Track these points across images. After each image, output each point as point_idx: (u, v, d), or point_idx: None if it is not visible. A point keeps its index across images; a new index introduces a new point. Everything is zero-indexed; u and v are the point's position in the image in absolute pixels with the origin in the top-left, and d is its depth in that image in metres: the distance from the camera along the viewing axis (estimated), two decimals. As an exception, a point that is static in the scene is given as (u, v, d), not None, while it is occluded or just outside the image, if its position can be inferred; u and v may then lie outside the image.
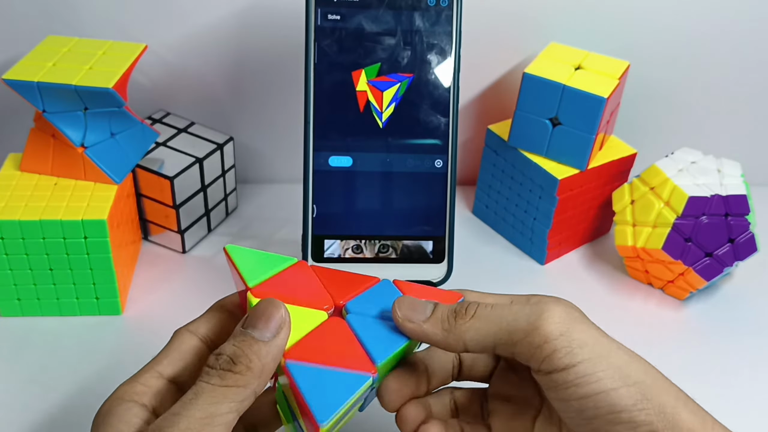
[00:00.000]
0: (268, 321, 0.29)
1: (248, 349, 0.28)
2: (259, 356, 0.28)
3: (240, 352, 0.28)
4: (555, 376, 0.28)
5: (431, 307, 0.32)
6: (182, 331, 0.32)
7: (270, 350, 0.28)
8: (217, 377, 0.27)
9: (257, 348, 0.28)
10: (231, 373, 0.27)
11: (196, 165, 0.54)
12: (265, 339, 0.28)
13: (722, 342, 0.51)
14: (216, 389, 0.27)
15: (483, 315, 0.30)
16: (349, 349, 0.31)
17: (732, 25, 0.60)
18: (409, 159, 0.46)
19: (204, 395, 0.27)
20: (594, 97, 0.51)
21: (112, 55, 0.48)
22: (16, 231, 0.45)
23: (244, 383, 0.27)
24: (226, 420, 0.27)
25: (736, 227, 0.51)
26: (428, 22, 0.45)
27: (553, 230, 0.55)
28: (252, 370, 0.28)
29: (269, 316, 0.29)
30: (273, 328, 0.29)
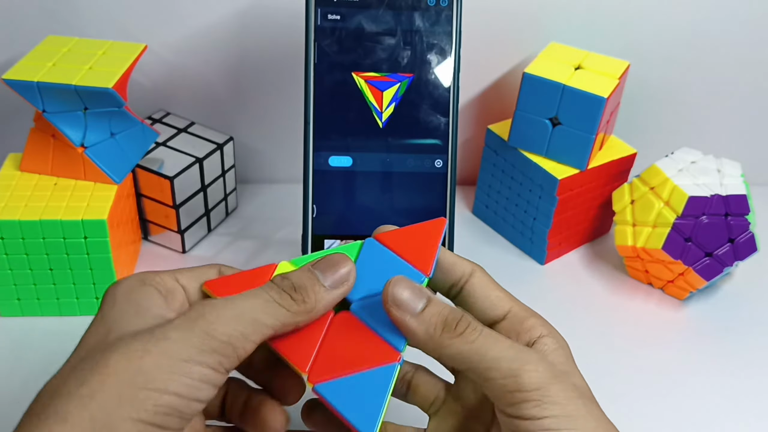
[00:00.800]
0: (335, 272, 0.31)
1: (310, 285, 0.30)
2: (316, 296, 0.30)
3: (302, 284, 0.30)
4: (517, 421, 0.28)
5: (423, 303, 0.30)
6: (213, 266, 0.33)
7: (325, 296, 0.30)
8: (276, 293, 0.29)
9: (317, 288, 0.30)
10: (289, 297, 0.29)
11: (196, 165, 0.54)
12: (326, 285, 0.30)
13: (722, 342, 0.51)
14: (271, 302, 0.29)
15: (469, 339, 0.29)
16: (368, 344, 0.31)
17: (732, 25, 0.60)
18: (409, 159, 0.46)
19: (260, 300, 0.29)
20: (594, 97, 0.51)
21: (112, 55, 0.48)
22: (16, 231, 0.45)
23: (295, 310, 0.29)
24: (264, 331, 0.28)
25: (736, 227, 0.51)
26: (428, 22, 0.45)
27: (553, 230, 0.55)
28: (306, 303, 0.30)
29: (338, 268, 0.31)
30: (336, 280, 0.31)
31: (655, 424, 0.45)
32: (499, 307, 0.33)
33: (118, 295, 0.29)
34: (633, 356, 0.49)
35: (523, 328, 0.32)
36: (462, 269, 0.34)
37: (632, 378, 0.48)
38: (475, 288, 0.34)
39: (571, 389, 0.29)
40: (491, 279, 0.34)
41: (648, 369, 0.48)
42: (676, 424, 0.45)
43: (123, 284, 0.30)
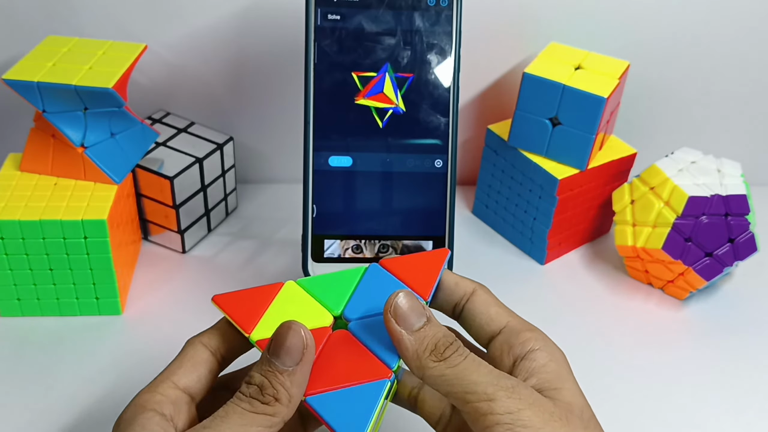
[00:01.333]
0: (290, 351, 0.29)
1: (274, 379, 0.29)
2: (284, 386, 0.29)
3: (267, 383, 0.29)
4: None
5: (422, 321, 0.31)
6: (195, 342, 0.33)
7: (295, 379, 0.29)
8: (247, 403, 0.29)
9: (282, 379, 0.29)
10: (259, 402, 0.29)
11: (196, 165, 0.54)
12: (289, 368, 0.29)
13: (722, 342, 0.51)
14: (246, 413, 0.29)
15: (452, 363, 0.30)
16: (362, 360, 0.31)
17: (732, 25, 0.60)
18: (409, 159, 0.46)
19: (235, 416, 0.28)
20: (594, 97, 0.51)
21: (112, 55, 0.48)
22: (16, 231, 0.45)
23: (273, 412, 0.29)
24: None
25: (736, 227, 0.51)
26: (428, 22, 0.45)
27: (553, 230, 0.55)
28: (280, 400, 0.29)
29: (290, 345, 0.30)
30: (295, 356, 0.29)
31: (655, 424, 0.45)
32: (496, 321, 0.34)
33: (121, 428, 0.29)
34: (633, 356, 0.49)
35: (517, 341, 0.32)
36: (464, 289, 0.35)
37: (632, 378, 0.48)
38: (475, 305, 0.35)
39: (547, 413, 0.29)
40: (492, 296, 0.35)
41: (648, 369, 0.48)
42: (677, 424, 0.45)
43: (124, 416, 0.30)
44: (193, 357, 0.32)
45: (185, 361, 0.32)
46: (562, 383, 0.31)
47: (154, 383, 0.31)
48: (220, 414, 0.29)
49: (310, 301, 0.34)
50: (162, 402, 0.30)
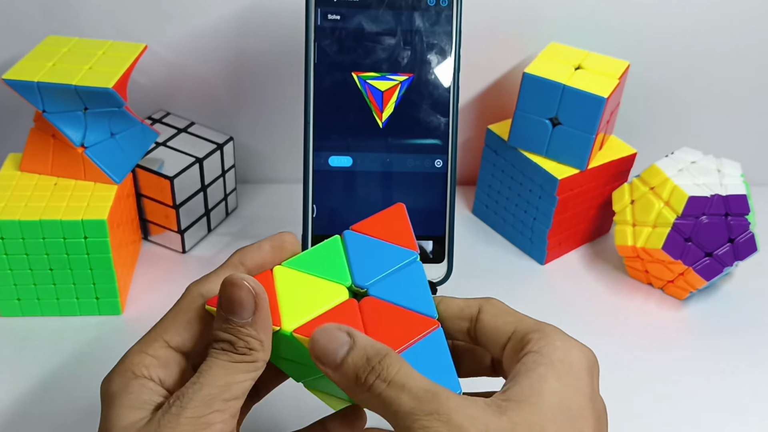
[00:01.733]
0: (243, 304, 0.29)
1: (238, 333, 0.29)
2: (251, 336, 0.29)
3: (233, 338, 0.29)
4: None
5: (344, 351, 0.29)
6: (193, 292, 0.32)
7: (258, 326, 0.29)
8: (225, 355, 0.29)
9: (247, 331, 0.29)
10: (235, 353, 0.29)
11: (196, 165, 0.54)
12: (248, 320, 0.29)
13: (722, 342, 0.51)
14: (228, 364, 0.29)
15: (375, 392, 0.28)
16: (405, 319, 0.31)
17: (732, 25, 0.60)
18: (409, 159, 0.46)
19: (218, 369, 0.28)
20: (594, 97, 0.51)
21: (112, 55, 0.48)
22: (16, 231, 0.45)
23: (251, 359, 0.29)
24: (243, 387, 0.29)
25: (736, 227, 0.51)
26: (428, 22, 0.45)
27: (553, 230, 0.55)
28: (253, 348, 0.29)
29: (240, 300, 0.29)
30: (249, 308, 0.29)
31: (655, 424, 0.45)
32: (504, 332, 0.32)
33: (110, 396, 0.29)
34: (633, 356, 0.49)
35: (520, 345, 0.30)
36: (470, 312, 0.33)
37: (632, 378, 0.48)
38: (484, 324, 0.32)
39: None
40: (499, 308, 0.33)
41: (648, 369, 0.48)
42: (677, 424, 0.45)
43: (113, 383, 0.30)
44: (189, 311, 0.31)
45: (180, 316, 0.31)
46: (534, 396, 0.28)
47: (145, 340, 0.30)
48: (204, 369, 0.29)
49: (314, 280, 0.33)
50: (152, 366, 0.30)
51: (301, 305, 0.31)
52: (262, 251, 0.33)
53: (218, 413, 0.28)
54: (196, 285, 0.32)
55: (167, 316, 0.31)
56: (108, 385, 0.30)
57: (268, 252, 0.33)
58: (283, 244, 0.34)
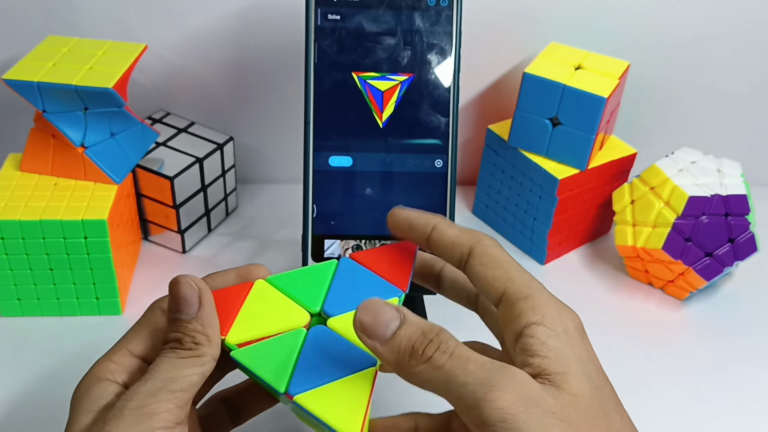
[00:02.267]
0: (187, 300, 0.30)
1: (185, 330, 0.30)
2: (197, 331, 0.30)
3: (180, 335, 0.30)
4: None
5: (393, 327, 0.28)
6: (154, 307, 0.33)
7: (204, 321, 0.30)
8: (172, 353, 0.30)
9: (193, 326, 0.30)
10: (183, 350, 0.30)
11: (196, 165, 0.54)
12: (193, 316, 0.30)
13: (722, 342, 0.51)
14: (175, 360, 0.29)
15: (437, 364, 0.27)
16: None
17: (732, 25, 0.60)
18: (409, 159, 0.46)
19: (163, 363, 0.29)
20: (594, 96, 0.51)
21: (112, 55, 0.48)
22: (16, 231, 0.45)
23: (199, 353, 0.29)
24: (189, 380, 0.29)
25: (736, 227, 0.51)
26: (428, 22, 0.45)
27: (553, 230, 0.55)
28: (200, 343, 0.30)
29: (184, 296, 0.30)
30: (194, 303, 0.30)
31: (655, 424, 0.45)
32: (494, 289, 0.31)
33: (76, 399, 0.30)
34: (633, 356, 0.49)
35: (513, 316, 0.29)
36: (460, 250, 0.32)
37: (632, 378, 0.48)
38: (474, 270, 0.31)
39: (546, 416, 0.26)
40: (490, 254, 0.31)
41: (648, 369, 0.48)
42: (676, 424, 0.45)
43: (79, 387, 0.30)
44: (149, 326, 0.32)
45: (141, 329, 0.32)
46: (566, 366, 0.27)
47: (109, 352, 0.31)
48: (151, 366, 0.29)
49: (283, 300, 0.33)
50: (116, 371, 0.30)
51: (255, 323, 0.32)
52: (226, 278, 0.34)
53: (164, 402, 0.28)
54: (158, 301, 0.33)
55: (131, 330, 0.32)
56: (74, 393, 0.30)
57: (233, 280, 0.34)
58: (248, 275, 0.34)
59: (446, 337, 0.28)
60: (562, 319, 0.29)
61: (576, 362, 0.28)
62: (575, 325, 0.29)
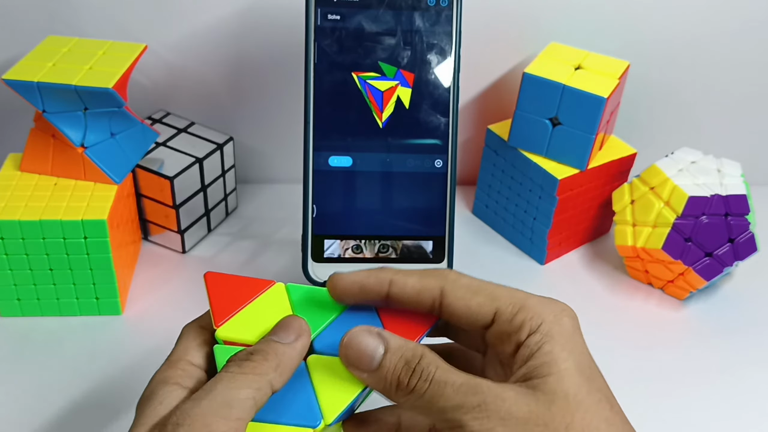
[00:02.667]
0: (288, 329, 0.31)
1: (266, 346, 0.30)
2: (276, 353, 0.30)
3: (258, 348, 0.30)
4: None
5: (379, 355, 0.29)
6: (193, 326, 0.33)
7: (287, 350, 0.30)
8: (235, 366, 0.29)
9: (275, 346, 0.30)
10: (248, 362, 0.29)
11: (196, 165, 0.54)
12: (284, 342, 0.30)
13: (722, 342, 0.51)
14: (234, 376, 0.29)
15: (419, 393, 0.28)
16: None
17: (732, 25, 0.60)
18: (409, 159, 0.46)
19: (223, 381, 0.28)
20: (594, 96, 0.51)
21: (112, 55, 0.48)
22: (16, 231, 0.45)
23: (261, 371, 0.29)
24: (244, 405, 0.28)
25: (736, 227, 0.51)
26: (428, 22, 0.45)
27: (553, 230, 0.55)
28: (268, 361, 0.29)
29: (288, 325, 0.31)
30: (292, 334, 0.31)
31: (655, 425, 0.45)
32: (483, 314, 0.31)
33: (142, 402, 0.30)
34: (633, 356, 0.49)
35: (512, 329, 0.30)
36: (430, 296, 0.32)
37: (632, 378, 0.48)
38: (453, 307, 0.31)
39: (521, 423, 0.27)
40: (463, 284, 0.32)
41: (648, 369, 0.48)
42: (676, 424, 0.45)
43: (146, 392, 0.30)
44: (197, 338, 0.32)
45: (190, 342, 0.32)
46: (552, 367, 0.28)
47: (171, 361, 0.31)
48: (209, 384, 0.29)
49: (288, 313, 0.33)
50: (182, 376, 0.30)
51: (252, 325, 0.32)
52: None
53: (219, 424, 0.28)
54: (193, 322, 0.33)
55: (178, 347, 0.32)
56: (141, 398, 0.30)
57: None
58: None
59: (427, 362, 0.29)
60: (558, 319, 0.30)
61: (568, 359, 0.29)
62: (570, 321, 0.30)
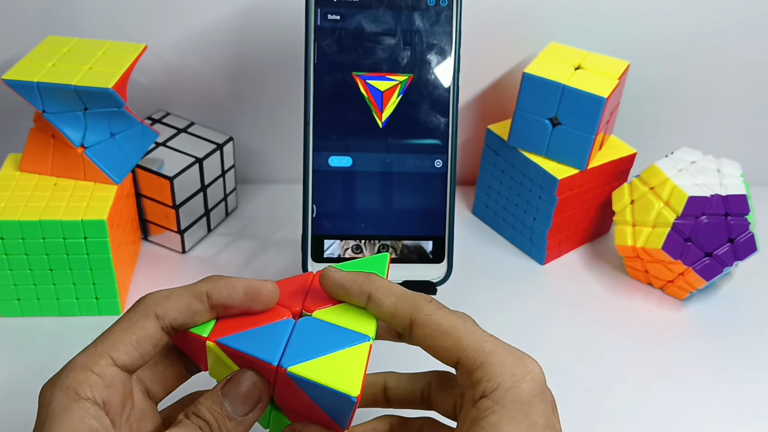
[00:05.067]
0: (245, 400, 0.30)
1: (223, 423, 0.29)
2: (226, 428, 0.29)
3: (216, 425, 0.29)
4: None
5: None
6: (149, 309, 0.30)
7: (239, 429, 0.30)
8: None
9: (230, 426, 0.29)
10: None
11: (195, 165, 0.54)
12: (237, 417, 0.29)
13: (722, 342, 0.51)
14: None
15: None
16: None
17: (732, 25, 0.60)
18: (409, 159, 0.46)
19: None
20: (594, 96, 0.51)
21: (112, 55, 0.48)
22: (15, 231, 0.45)
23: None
24: None
25: (735, 227, 0.51)
26: (428, 22, 0.45)
27: (552, 230, 0.55)
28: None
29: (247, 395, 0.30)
30: (248, 407, 0.30)
31: (655, 425, 0.45)
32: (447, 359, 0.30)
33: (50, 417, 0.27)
34: (633, 356, 0.49)
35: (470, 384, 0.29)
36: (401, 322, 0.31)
37: (632, 378, 0.48)
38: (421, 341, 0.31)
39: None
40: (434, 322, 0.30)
41: (648, 369, 0.48)
42: (676, 424, 0.45)
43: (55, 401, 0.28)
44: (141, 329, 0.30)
45: (130, 333, 0.30)
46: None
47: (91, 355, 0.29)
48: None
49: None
50: (96, 386, 0.28)
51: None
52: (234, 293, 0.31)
53: None
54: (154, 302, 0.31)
55: (116, 329, 0.30)
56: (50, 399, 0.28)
57: (240, 296, 0.31)
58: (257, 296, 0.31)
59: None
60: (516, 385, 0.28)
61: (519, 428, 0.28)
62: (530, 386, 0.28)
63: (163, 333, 0.31)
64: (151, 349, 0.30)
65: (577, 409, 0.44)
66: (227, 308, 0.31)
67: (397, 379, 0.36)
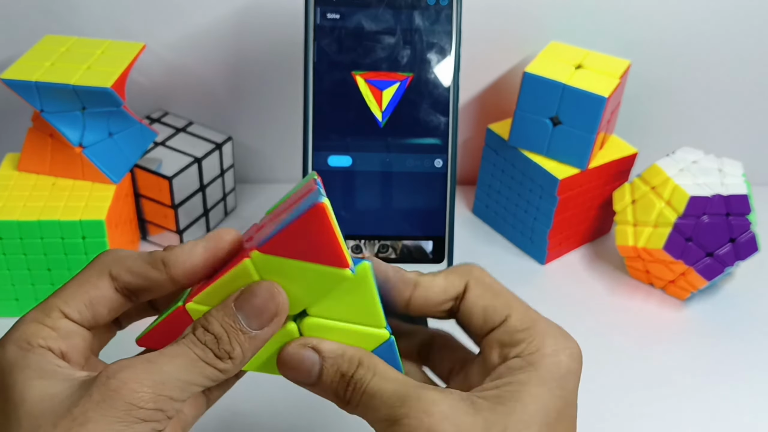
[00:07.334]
0: (261, 314, 0.27)
1: (234, 336, 0.27)
2: (242, 347, 0.27)
3: (226, 337, 0.27)
4: None
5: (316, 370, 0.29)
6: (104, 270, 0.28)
7: (254, 344, 0.27)
8: (200, 350, 0.27)
9: (242, 339, 0.27)
10: (213, 354, 0.27)
11: (194, 165, 0.54)
12: (252, 332, 0.27)
13: (723, 342, 0.51)
14: (197, 362, 0.26)
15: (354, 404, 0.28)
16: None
17: (732, 24, 0.60)
18: (409, 159, 0.46)
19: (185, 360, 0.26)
20: (595, 96, 0.50)
21: (111, 55, 0.48)
22: (14, 231, 0.45)
23: (223, 368, 0.27)
24: (194, 390, 0.27)
25: (737, 227, 0.51)
26: (428, 21, 0.45)
27: (553, 230, 0.55)
28: (233, 359, 0.27)
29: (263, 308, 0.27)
30: (263, 322, 0.27)
31: (655, 425, 0.45)
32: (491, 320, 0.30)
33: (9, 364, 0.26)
34: (633, 357, 0.49)
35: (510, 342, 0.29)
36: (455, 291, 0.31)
37: (632, 378, 0.47)
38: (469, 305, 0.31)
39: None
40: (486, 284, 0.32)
41: (648, 369, 0.48)
42: (677, 424, 0.45)
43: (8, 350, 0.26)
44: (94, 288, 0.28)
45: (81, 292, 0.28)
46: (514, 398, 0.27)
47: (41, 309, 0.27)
48: (168, 353, 0.26)
49: None
50: (50, 337, 0.27)
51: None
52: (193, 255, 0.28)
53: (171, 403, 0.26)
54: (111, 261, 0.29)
55: (71, 285, 0.28)
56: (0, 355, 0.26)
57: (200, 256, 0.28)
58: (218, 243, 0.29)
59: (362, 373, 0.28)
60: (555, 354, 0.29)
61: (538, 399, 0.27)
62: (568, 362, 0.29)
63: (119, 295, 0.29)
64: (105, 312, 0.28)
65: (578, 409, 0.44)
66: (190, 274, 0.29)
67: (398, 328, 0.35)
